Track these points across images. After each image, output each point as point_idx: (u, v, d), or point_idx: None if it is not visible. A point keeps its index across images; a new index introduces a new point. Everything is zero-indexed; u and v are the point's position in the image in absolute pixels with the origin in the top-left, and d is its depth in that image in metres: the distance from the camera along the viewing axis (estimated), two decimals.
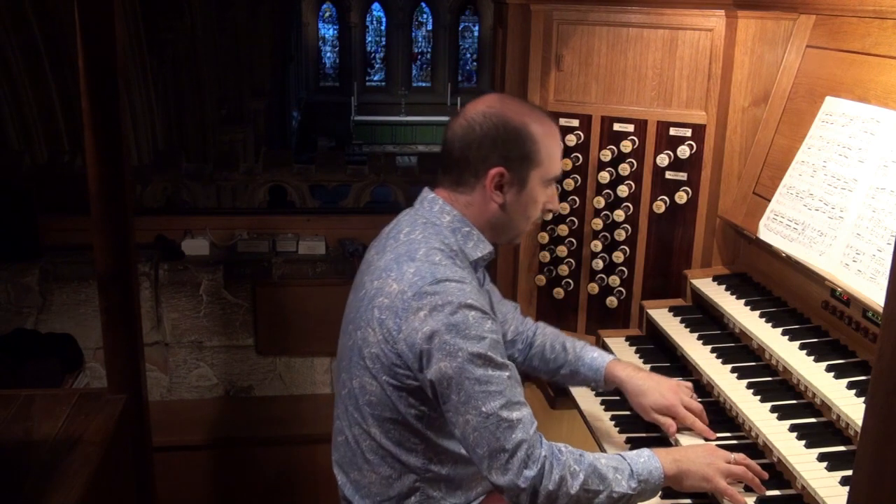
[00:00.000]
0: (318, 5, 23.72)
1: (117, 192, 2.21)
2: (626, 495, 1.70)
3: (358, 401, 1.79)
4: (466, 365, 1.63)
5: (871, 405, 0.98)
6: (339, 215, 4.22)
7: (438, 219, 1.81)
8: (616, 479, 1.69)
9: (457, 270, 1.71)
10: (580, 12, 2.59)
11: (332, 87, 23.84)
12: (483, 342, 1.65)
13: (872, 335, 1.91)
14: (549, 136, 1.82)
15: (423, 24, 24.25)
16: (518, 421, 1.64)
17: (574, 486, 1.65)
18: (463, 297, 1.66)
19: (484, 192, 1.80)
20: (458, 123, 1.81)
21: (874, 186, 1.96)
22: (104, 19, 2.08)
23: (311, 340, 3.65)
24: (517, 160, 1.78)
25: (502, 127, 1.76)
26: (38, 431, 2.15)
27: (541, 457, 1.65)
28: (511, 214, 1.83)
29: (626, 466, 1.71)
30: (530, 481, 1.63)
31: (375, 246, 1.89)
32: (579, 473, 1.66)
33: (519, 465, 1.63)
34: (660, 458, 1.76)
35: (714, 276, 2.49)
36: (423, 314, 1.65)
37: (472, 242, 1.82)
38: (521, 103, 1.87)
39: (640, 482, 1.71)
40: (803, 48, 2.36)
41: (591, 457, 1.71)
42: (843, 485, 1.62)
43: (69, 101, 7.00)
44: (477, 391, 1.63)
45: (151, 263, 3.53)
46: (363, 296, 1.78)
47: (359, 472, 1.84)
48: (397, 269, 1.71)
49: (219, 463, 3.42)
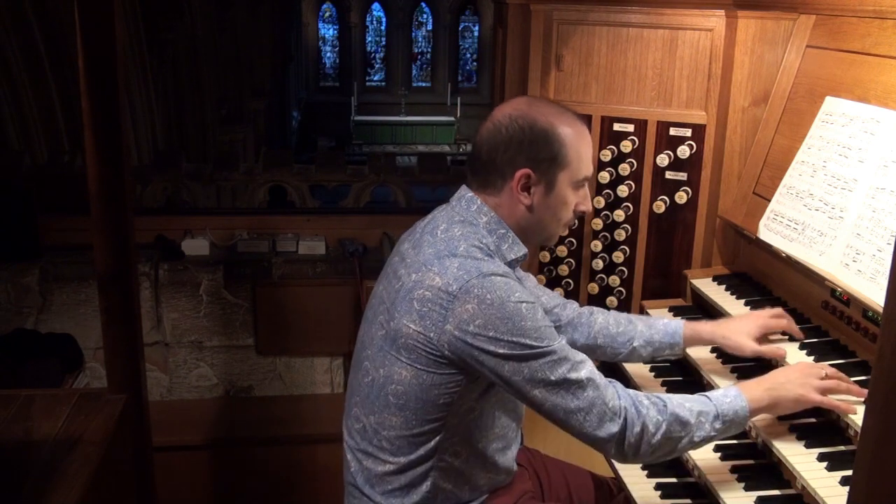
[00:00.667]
0: (318, 5, 23.73)
1: (117, 192, 2.21)
2: (708, 437, 1.75)
3: (383, 389, 1.79)
4: (523, 351, 1.66)
5: (871, 405, 0.99)
6: (339, 215, 4.21)
7: (476, 219, 1.81)
8: (699, 422, 1.73)
9: (500, 265, 1.74)
10: (580, 12, 2.59)
11: (332, 87, 23.86)
12: (537, 331, 1.67)
13: (872, 335, 1.91)
14: (579, 137, 1.81)
15: (423, 24, 24.27)
16: (588, 380, 1.69)
17: (657, 435, 1.70)
18: (510, 290, 1.68)
19: (511, 193, 1.80)
20: (486, 127, 1.82)
21: (874, 186, 1.96)
22: (104, 19, 2.08)
23: (311, 340, 3.65)
24: (544, 162, 1.77)
25: (528, 129, 1.77)
26: (38, 431, 2.15)
27: (620, 409, 1.69)
28: (540, 216, 1.83)
29: (712, 408, 1.75)
30: (614, 435, 1.68)
31: (409, 240, 1.89)
32: (662, 424, 1.70)
33: (598, 420, 1.68)
34: (751, 390, 1.80)
35: (714, 276, 2.49)
36: (470, 307, 1.66)
37: (508, 244, 1.83)
38: (549, 105, 1.86)
39: (724, 423, 1.75)
40: (803, 48, 2.36)
41: (674, 403, 1.74)
42: (843, 485, 1.62)
43: (69, 101, 6.99)
44: (538, 367, 1.67)
45: (151, 263, 3.53)
46: (399, 287, 1.77)
47: (373, 460, 1.84)
48: (439, 264, 1.71)
49: (219, 463, 3.42)
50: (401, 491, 1.83)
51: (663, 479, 1.94)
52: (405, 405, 1.77)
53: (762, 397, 1.79)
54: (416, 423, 1.78)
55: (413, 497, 1.82)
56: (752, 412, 1.78)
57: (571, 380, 1.68)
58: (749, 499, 1.74)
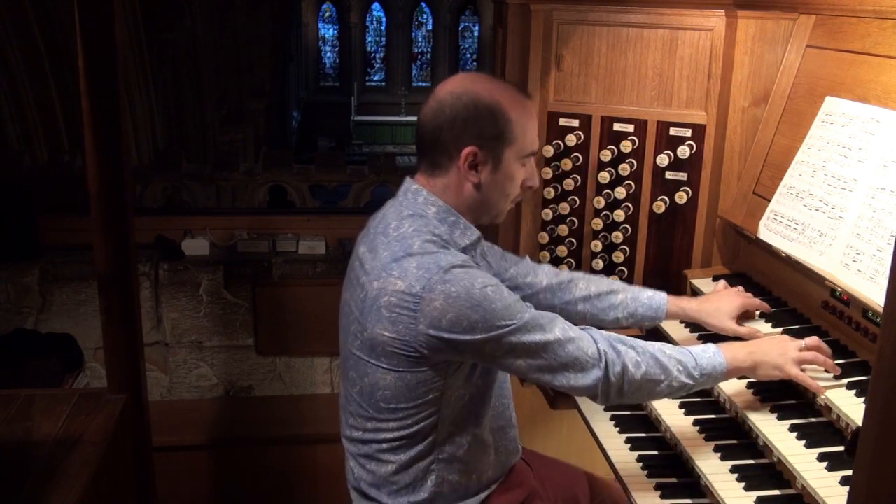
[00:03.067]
0: (318, 5, 23.73)
1: (117, 192, 2.21)
2: (686, 385, 1.82)
3: (372, 396, 1.80)
4: (499, 332, 1.68)
5: (871, 405, 0.98)
6: (339, 215, 4.21)
7: (424, 210, 1.80)
8: (678, 369, 1.80)
9: (457, 255, 1.73)
10: (580, 12, 2.59)
11: (332, 87, 23.86)
12: (507, 309, 1.69)
13: (872, 335, 1.91)
14: (523, 111, 1.79)
15: (423, 24, 24.27)
16: (564, 337, 1.73)
17: (637, 375, 1.76)
18: (471, 278, 1.68)
19: (459, 173, 1.78)
20: (429, 106, 1.79)
21: (874, 186, 1.96)
22: (104, 19, 2.08)
23: (311, 340, 3.65)
24: (490, 139, 1.75)
25: (472, 106, 1.74)
26: (38, 431, 2.15)
27: (601, 353, 1.75)
28: (488, 194, 1.81)
29: (691, 360, 1.82)
30: (599, 379, 1.74)
31: (364, 242, 1.87)
32: (641, 364, 1.77)
33: (582, 371, 1.74)
34: (734, 351, 1.87)
35: (714, 276, 2.49)
36: (438, 304, 1.66)
37: (460, 230, 1.82)
38: (492, 80, 1.83)
39: (702, 374, 1.82)
40: (803, 48, 2.36)
41: (654, 348, 1.81)
42: (843, 485, 1.62)
43: (69, 101, 7.00)
44: (516, 341, 1.70)
45: (151, 263, 3.53)
46: (364, 297, 1.77)
47: (376, 462, 1.84)
48: (398, 267, 1.70)
49: (219, 463, 3.42)
50: (407, 489, 1.83)
51: (663, 479, 1.94)
52: (396, 408, 1.78)
53: (744, 358, 1.87)
54: (410, 422, 1.78)
55: (421, 494, 1.83)
56: (730, 370, 1.86)
57: (549, 341, 1.72)
58: (749, 499, 1.74)
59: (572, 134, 2.64)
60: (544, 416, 2.49)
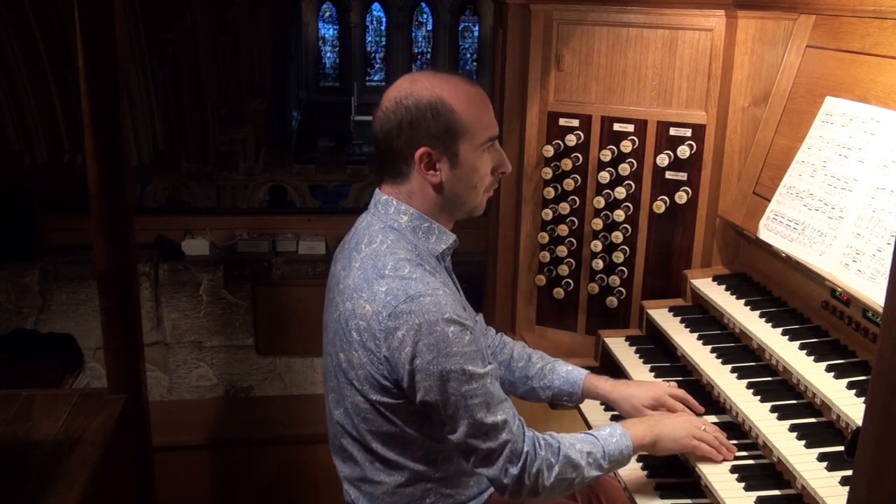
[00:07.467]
0: (318, 5, 23.75)
1: (117, 192, 2.21)
2: (597, 475, 1.82)
3: (354, 419, 1.80)
4: (450, 384, 1.65)
5: (871, 405, 0.98)
6: (339, 215, 4.20)
7: (396, 221, 1.78)
8: (588, 463, 1.79)
9: (429, 281, 1.69)
10: (580, 12, 2.59)
11: (332, 87, 23.89)
12: (463, 357, 1.65)
13: (872, 335, 1.91)
14: (469, 101, 1.75)
15: (423, 24, 24.28)
16: (503, 423, 1.71)
17: (550, 478, 1.75)
18: (439, 311, 1.64)
19: (419, 176, 1.76)
20: (377, 116, 1.77)
21: (874, 186, 1.96)
22: (104, 19, 2.08)
23: (311, 340, 3.61)
24: (440, 135, 1.72)
25: (414, 107, 1.71)
26: (38, 431, 2.15)
27: (523, 453, 1.72)
28: (454, 190, 1.78)
29: (600, 449, 1.81)
30: (513, 477, 1.72)
31: (340, 259, 1.86)
32: (555, 466, 1.75)
33: (504, 462, 1.72)
34: (635, 428, 1.88)
35: (714, 276, 2.49)
36: (400, 334, 1.64)
37: (435, 236, 1.80)
38: (432, 77, 1.77)
39: (610, 462, 1.82)
40: (803, 48, 2.36)
41: (566, 445, 1.78)
42: (843, 485, 1.62)
43: (69, 101, 7.00)
44: (462, 405, 1.67)
45: (151, 263, 3.53)
46: (338, 317, 1.76)
47: (370, 484, 1.84)
48: (368, 289, 1.69)
49: (219, 463, 3.42)
50: None
51: (664, 479, 1.94)
52: (379, 431, 1.78)
53: (644, 434, 1.87)
54: (397, 447, 1.79)
55: None
56: (635, 449, 1.86)
57: (488, 423, 1.68)
58: (749, 499, 1.75)
59: (572, 134, 2.64)
60: (544, 416, 2.49)
